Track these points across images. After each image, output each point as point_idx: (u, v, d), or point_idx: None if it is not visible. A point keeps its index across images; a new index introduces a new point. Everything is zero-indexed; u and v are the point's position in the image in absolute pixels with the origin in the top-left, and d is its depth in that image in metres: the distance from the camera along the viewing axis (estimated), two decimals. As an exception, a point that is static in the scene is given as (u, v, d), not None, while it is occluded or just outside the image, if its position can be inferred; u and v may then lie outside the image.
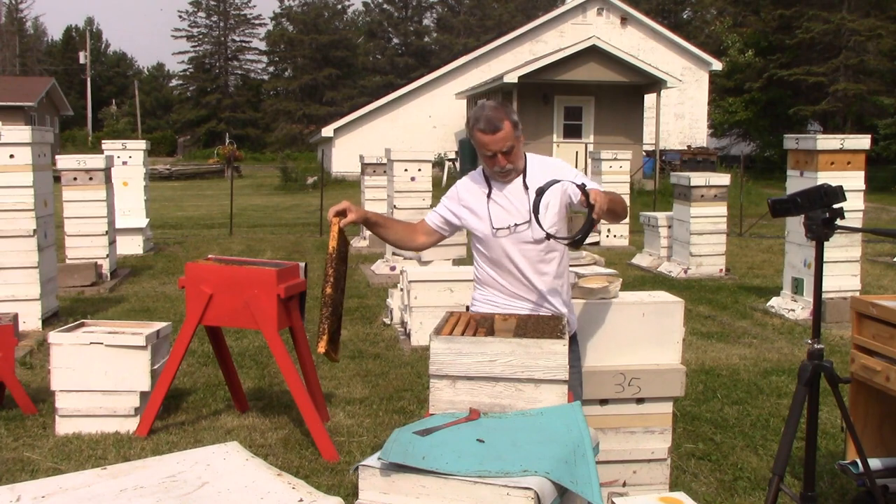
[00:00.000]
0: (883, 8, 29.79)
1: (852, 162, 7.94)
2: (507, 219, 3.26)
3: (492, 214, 3.27)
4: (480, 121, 3.19)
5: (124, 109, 61.28)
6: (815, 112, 30.95)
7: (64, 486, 2.01)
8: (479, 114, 3.20)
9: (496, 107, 3.22)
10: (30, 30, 65.84)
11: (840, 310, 7.69)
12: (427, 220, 3.47)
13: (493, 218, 3.27)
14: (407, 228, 3.49)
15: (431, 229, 3.45)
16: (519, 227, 3.24)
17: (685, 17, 55.16)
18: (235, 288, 4.57)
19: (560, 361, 2.71)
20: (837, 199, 3.08)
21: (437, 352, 2.76)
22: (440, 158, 27.05)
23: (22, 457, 4.55)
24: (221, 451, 2.27)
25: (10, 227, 7.35)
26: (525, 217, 3.22)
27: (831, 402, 3.97)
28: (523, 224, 3.23)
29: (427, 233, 3.46)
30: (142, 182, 12.86)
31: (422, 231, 3.47)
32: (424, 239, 3.47)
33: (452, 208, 3.39)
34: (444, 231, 3.45)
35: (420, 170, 10.18)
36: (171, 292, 9.31)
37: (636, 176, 20.60)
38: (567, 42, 26.41)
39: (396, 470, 2.33)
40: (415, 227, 3.49)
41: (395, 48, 60.75)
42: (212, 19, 62.55)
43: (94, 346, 4.92)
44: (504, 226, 3.26)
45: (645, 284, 9.73)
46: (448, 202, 3.42)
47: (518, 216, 3.24)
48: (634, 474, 3.70)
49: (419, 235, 3.47)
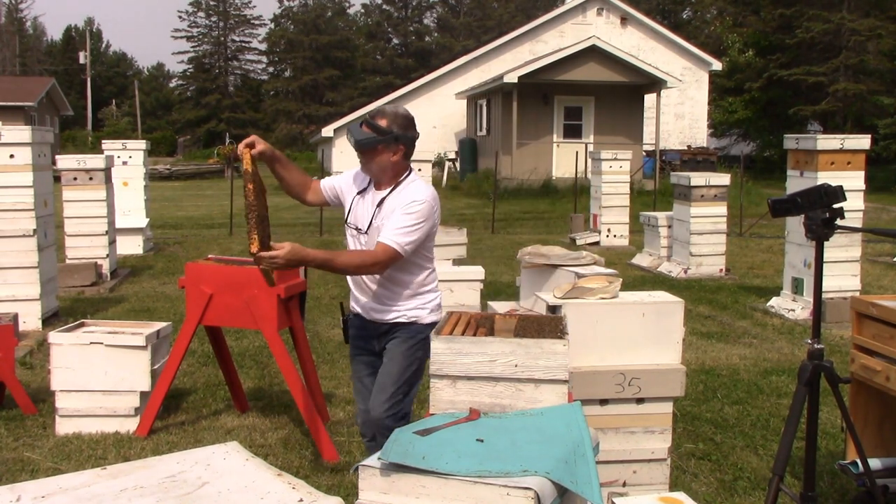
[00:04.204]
0: (883, 8, 29.79)
1: (852, 162, 7.94)
2: (355, 219, 3.56)
3: (352, 207, 3.57)
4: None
5: (124, 109, 61.28)
6: (815, 112, 30.94)
7: (64, 486, 2.01)
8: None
9: (382, 113, 3.46)
10: (30, 30, 65.90)
11: (840, 310, 7.68)
12: (322, 182, 3.72)
13: (351, 211, 3.57)
14: (303, 179, 3.69)
15: (320, 191, 3.69)
16: (359, 232, 3.55)
17: (685, 17, 55.16)
18: (235, 288, 4.57)
19: (560, 361, 2.71)
20: (837, 199, 3.08)
21: (437, 352, 2.76)
22: (440, 158, 27.06)
23: (22, 457, 4.55)
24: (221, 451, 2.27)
25: (10, 227, 7.35)
26: (364, 228, 3.52)
27: (831, 402, 3.96)
28: (363, 234, 3.53)
29: (315, 192, 3.70)
30: (142, 182, 12.86)
31: (313, 189, 3.70)
32: (312, 197, 3.70)
33: (340, 184, 3.65)
34: (330, 199, 3.68)
35: (420, 170, 10.14)
36: (171, 292, 9.30)
37: (636, 176, 20.60)
38: (567, 42, 26.42)
39: (396, 470, 2.33)
40: (309, 183, 3.71)
41: (395, 48, 60.77)
42: (212, 19, 62.60)
43: (94, 346, 4.92)
44: (352, 224, 3.57)
45: (645, 284, 9.73)
46: (341, 178, 3.68)
47: (362, 223, 3.53)
48: (634, 474, 3.70)
49: (309, 191, 3.70)
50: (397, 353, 3.53)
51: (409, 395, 3.54)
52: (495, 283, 9.42)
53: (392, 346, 3.56)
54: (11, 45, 58.94)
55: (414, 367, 3.55)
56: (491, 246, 13.57)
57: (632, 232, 13.71)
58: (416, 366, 3.55)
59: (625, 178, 13.46)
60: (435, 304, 3.60)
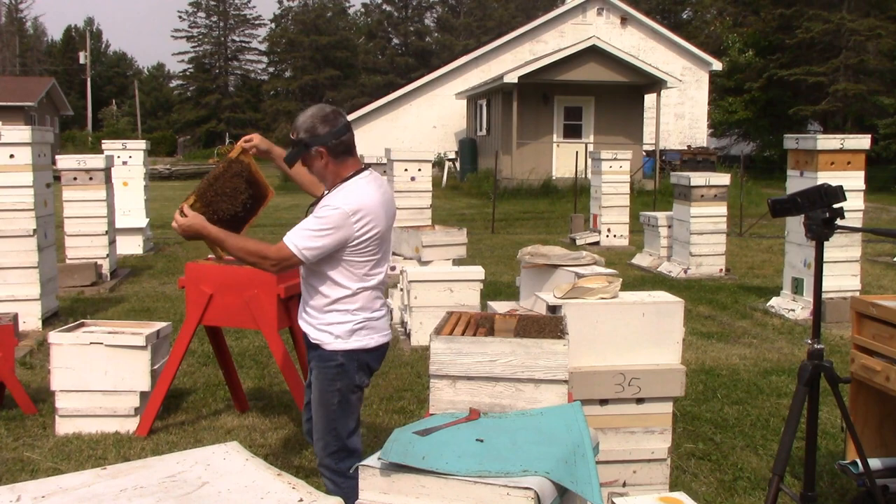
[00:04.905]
0: (883, 8, 29.79)
1: (852, 162, 7.94)
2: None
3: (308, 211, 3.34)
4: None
5: (124, 109, 61.29)
6: (815, 112, 30.94)
7: (64, 486, 2.01)
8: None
9: (294, 125, 3.22)
10: (30, 30, 65.87)
11: (840, 310, 7.68)
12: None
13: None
14: (311, 177, 3.45)
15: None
16: None
17: (685, 17, 55.15)
18: (235, 288, 4.57)
19: (560, 361, 2.71)
20: (837, 198, 3.08)
21: (437, 352, 2.76)
22: (440, 158, 27.06)
23: (22, 457, 4.55)
24: (221, 451, 2.27)
25: (10, 227, 7.35)
26: None
27: (831, 402, 3.97)
28: None
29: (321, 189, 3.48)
30: (142, 182, 12.86)
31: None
32: (320, 192, 3.46)
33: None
34: None
35: (420, 170, 10.17)
36: (171, 292, 9.30)
37: (636, 176, 20.61)
38: (567, 42, 26.43)
39: (396, 470, 2.33)
40: (316, 183, 3.49)
41: (395, 48, 60.77)
42: (212, 19, 62.59)
43: (94, 346, 4.92)
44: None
45: (645, 284, 9.73)
46: None
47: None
48: (634, 474, 3.70)
49: (319, 188, 3.50)
50: (317, 389, 3.28)
51: (340, 430, 3.27)
52: (495, 283, 9.42)
53: (312, 377, 3.33)
54: (11, 45, 58.95)
55: (335, 401, 3.24)
56: (491, 246, 13.58)
57: (632, 232, 13.71)
58: (337, 398, 3.24)
59: (625, 178, 13.46)
60: (345, 329, 3.20)
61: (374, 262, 3.20)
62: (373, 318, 3.25)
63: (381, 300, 3.30)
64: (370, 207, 3.13)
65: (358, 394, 3.31)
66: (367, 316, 3.23)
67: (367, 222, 3.11)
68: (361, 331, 3.22)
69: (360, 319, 3.21)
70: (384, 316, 3.31)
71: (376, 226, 3.15)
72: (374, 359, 3.32)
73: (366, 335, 3.23)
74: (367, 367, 3.29)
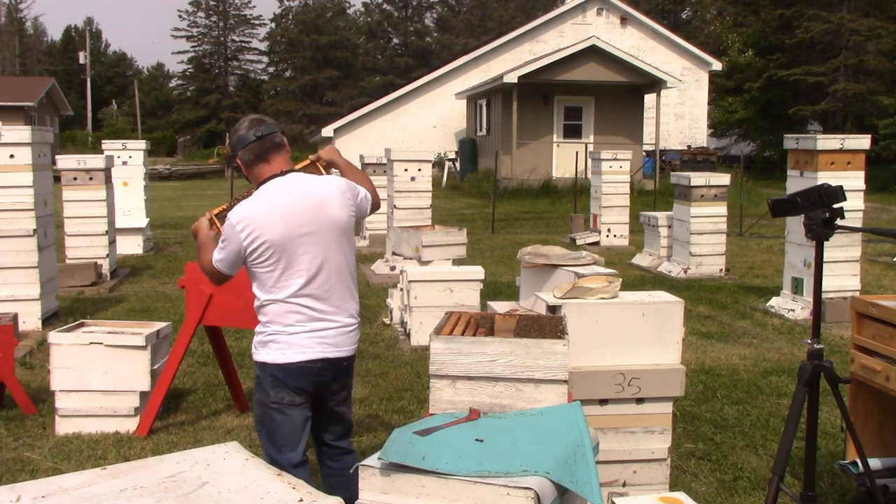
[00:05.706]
0: (883, 8, 29.78)
1: (852, 162, 7.94)
2: None
3: None
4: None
5: (124, 109, 61.28)
6: (815, 112, 30.95)
7: (64, 486, 2.01)
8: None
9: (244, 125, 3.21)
10: (30, 30, 65.87)
11: (840, 310, 7.68)
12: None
13: None
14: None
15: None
16: None
17: (685, 17, 55.18)
18: (235, 288, 4.56)
19: (560, 361, 2.71)
20: (837, 198, 3.08)
21: (437, 352, 2.76)
22: (440, 158, 27.07)
23: (22, 457, 4.55)
24: (221, 451, 2.27)
25: (10, 227, 7.36)
26: None
27: (831, 402, 3.96)
28: None
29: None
30: (142, 182, 12.86)
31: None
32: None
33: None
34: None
35: (420, 170, 10.19)
36: (171, 292, 9.30)
37: (636, 176, 20.60)
38: (567, 42, 26.43)
39: (396, 470, 2.33)
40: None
41: (395, 48, 60.78)
42: (211, 19, 62.58)
43: (93, 346, 4.92)
44: None
45: (645, 284, 9.73)
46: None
47: None
48: (634, 474, 3.70)
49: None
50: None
51: (266, 442, 3.19)
52: (495, 283, 9.42)
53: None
54: (11, 45, 58.96)
55: (257, 412, 3.21)
56: (491, 246, 13.58)
57: (632, 232, 13.71)
58: (258, 410, 3.19)
59: (625, 178, 13.46)
60: (258, 339, 3.15)
61: (277, 272, 3.06)
62: (284, 332, 3.09)
63: (299, 315, 3.09)
64: (252, 217, 3.03)
65: (281, 410, 3.11)
66: (278, 329, 3.09)
67: (250, 232, 3.02)
68: (271, 344, 3.11)
69: (269, 332, 3.11)
70: (304, 332, 3.09)
71: (262, 235, 3.02)
72: (292, 376, 3.09)
73: (276, 349, 3.10)
74: (285, 385, 3.09)
